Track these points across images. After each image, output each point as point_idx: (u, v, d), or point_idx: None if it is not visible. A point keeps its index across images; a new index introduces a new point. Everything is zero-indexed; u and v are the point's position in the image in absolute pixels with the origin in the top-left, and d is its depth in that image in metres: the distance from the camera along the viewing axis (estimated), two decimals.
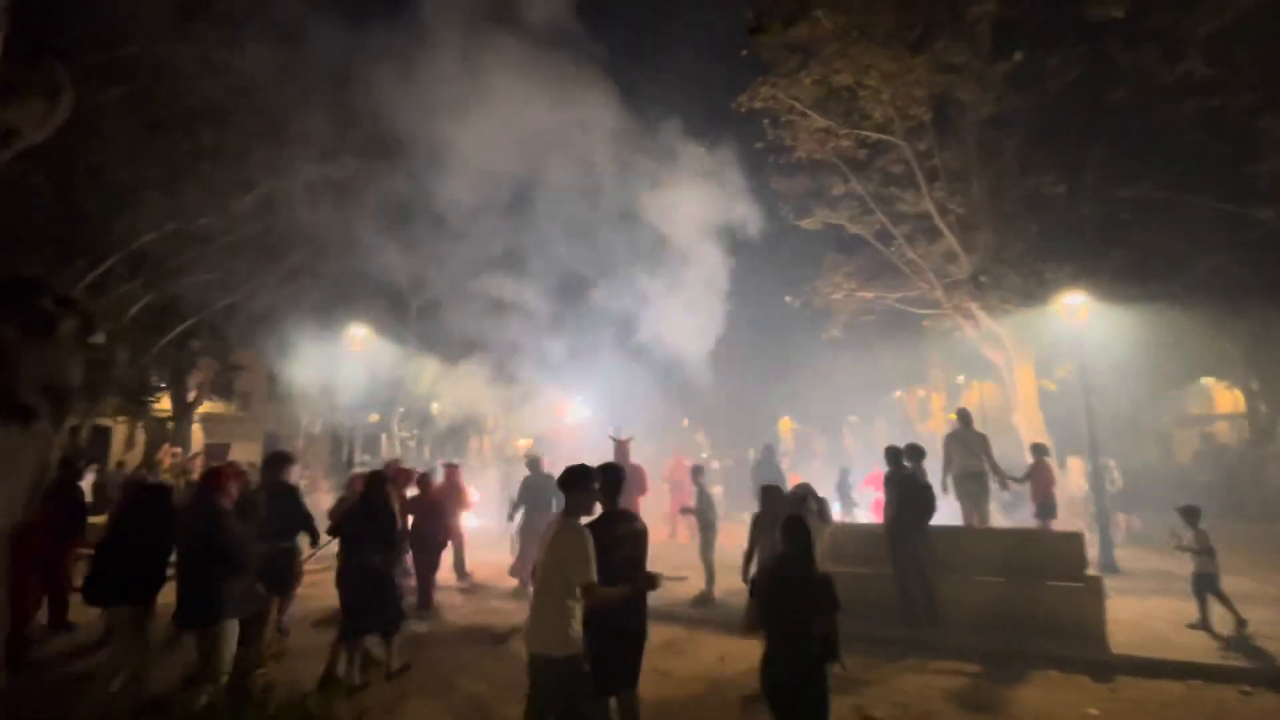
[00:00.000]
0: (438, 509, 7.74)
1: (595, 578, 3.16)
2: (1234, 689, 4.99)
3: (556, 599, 3.16)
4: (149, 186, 12.13)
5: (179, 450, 15.09)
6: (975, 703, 4.81)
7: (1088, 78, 11.88)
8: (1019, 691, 5.01)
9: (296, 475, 6.42)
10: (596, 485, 3.46)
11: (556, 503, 7.58)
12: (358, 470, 9.21)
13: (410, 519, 7.36)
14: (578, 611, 3.17)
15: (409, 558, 7.37)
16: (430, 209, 16.05)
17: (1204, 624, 6.20)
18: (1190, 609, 6.39)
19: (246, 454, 19.72)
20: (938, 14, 11.52)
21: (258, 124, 12.80)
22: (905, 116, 12.28)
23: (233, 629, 4.19)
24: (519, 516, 8.25)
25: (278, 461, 5.91)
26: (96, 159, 11.33)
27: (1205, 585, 6.27)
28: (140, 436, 20.20)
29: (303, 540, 5.79)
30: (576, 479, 3.39)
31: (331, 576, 5.32)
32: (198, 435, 20.65)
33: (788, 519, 3.46)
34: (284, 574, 5.55)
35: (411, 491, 7.66)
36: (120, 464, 15.27)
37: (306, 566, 6.16)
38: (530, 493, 8.12)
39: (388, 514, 5.39)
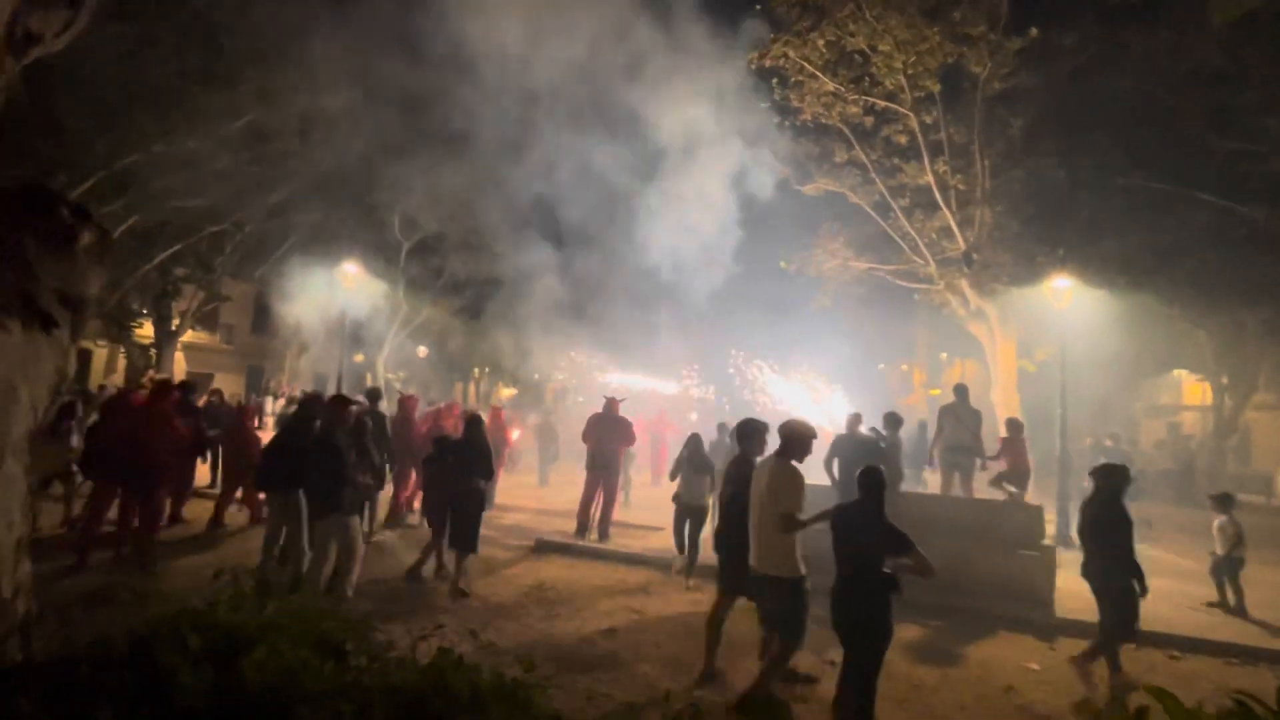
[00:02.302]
0: None
1: (800, 510, 3.79)
2: (1164, 653, 5.42)
3: (779, 527, 3.77)
4: (134, 104, 11.74)
5: (165, 377, 15.03)
6: (926, 653, 5.18)
7: (1099, 61, 11.82)
8: (968, 646, 5.40)
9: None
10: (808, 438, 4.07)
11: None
12: (431, 407, 10.61)
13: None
14: (796, 539, 3.80)
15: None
16: (425, 144, 15.73)
17: (1222, 602, 6.56)
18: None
19: (229, 386, 19.70)
20: None
21: (250, 47, 12.36)
22: (915, 86, 12.19)
23: (356, 524, 5.24)
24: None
25: (373, 396, 7.97)
26: (78, 71, 10.89)
27: (1229, 569, 6.58)
28: (121, 361, 20.05)
29: None
30: (794, 431, 4.03)
31: None
32: (180, 364, 20.52)
33: (864, 470, 3.77)
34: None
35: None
36: (101, 386, 15.21)
37: None
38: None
39: (486, 447, 6.43)
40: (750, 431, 4.49)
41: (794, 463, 3.97)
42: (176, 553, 6.46)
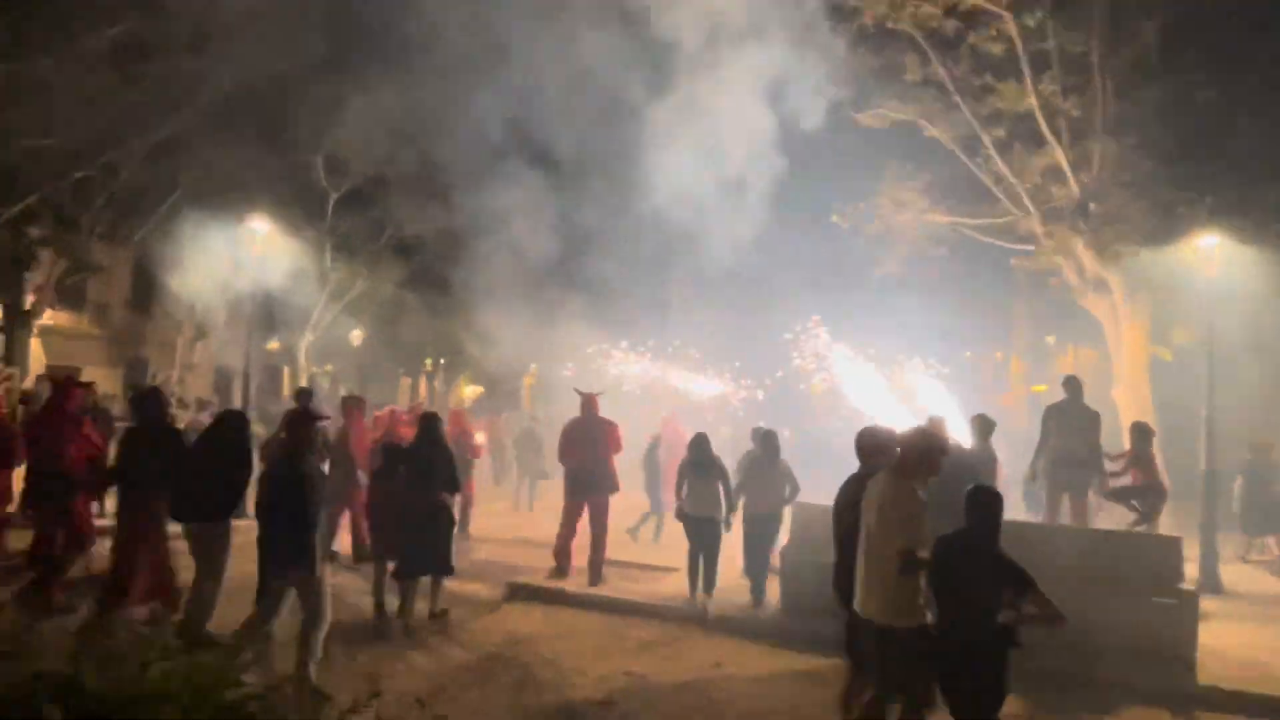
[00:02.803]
0: None
1: (919, 545, 3.76)
2: None
3: (894, 564, 3.77)
4: None
5: (14, 372, 15.14)
6: None
7: None
8: None
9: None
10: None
11: None
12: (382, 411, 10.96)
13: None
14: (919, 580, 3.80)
15: None
16: (357, 56, 15.70)
17: None
18: None
19: (102, 381, 19.79)
20: None
21: None
22: None
23: (325, 579, 5.14)
24: None
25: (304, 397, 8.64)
26: None
27: None
28: None
29: None
30: (918, 444, 4.14)
31: None
32: (36, 353, 20.62)
33: (976, 489, 3.88)
34: None
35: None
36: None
37: None
38: None
39: (447, 450, 6.83)
40: (875, 447, 4.58)
41: (915, 485, 4.02)
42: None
